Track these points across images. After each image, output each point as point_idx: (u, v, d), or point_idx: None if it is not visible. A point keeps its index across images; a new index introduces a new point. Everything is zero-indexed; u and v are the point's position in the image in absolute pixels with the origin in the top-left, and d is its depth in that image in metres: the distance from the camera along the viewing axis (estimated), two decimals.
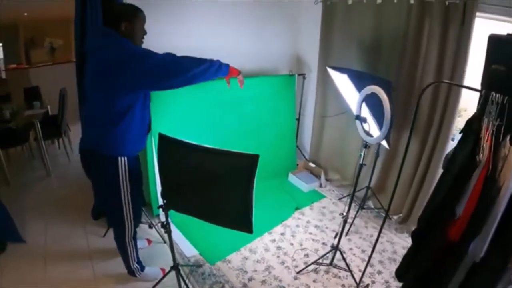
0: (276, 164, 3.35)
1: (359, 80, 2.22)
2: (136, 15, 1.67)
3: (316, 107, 3.49)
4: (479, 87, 1.46)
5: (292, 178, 3.45)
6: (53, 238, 2.56)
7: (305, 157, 3.80)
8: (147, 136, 1.93)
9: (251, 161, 1.49)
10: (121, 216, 1.87)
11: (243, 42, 3.21)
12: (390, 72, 2.67)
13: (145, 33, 1.74)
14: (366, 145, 2.01)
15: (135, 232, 2.01)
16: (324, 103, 3.40)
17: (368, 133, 1.98)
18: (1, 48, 5.94)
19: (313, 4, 3.15)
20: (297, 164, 3.66)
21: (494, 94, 1.30)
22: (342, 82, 2.40)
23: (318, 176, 3.44)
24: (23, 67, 5.79)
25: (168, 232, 1.75)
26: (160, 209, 1.73)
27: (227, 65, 1.85)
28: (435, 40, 2.34)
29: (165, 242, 2.53)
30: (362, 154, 2.03)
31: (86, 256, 2.38)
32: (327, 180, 3.47)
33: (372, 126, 1.99)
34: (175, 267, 1.90)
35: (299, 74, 3.43)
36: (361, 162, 2.05)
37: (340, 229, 2.22)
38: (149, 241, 2.53)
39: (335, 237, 2.27)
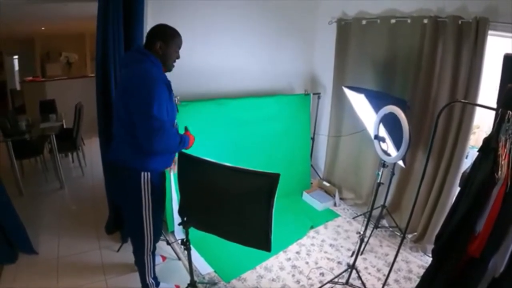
0: (291, 182, 3.34)
1: (376, 100, 2.25)
2: (173, 37, 1.70)
3: (330, 126, 3.52)
4: (494, 105, 1.48)
5: (306, 197, 3.45)
6: (66, 251, 2.56)
7: (319, 176, 3.80)
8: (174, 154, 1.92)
9: (271, 180, 1.51)
10: (141, 231, 1.86)
11: (259, 61, 3.27)
12: (405, 91, 2.69)
13: (178, 57, 1.77)
14: (384, 164, 2.01)
15: (154, 248, 2.00)
16: (339, 122, 3.42)
17: (386, 153, 1.99)
18: (17, 60, 6.06)
19: (327, 24, 3.23)
20: (311, 183, 3.67)
21: (510, 113, 1.31)
22: (359, 102, 2.43)
23: (332, 195, 3.43)
24: (40, 80, 5.89)
25: (188, 249, 1.75)
26: (179, 226, 1.74)
27: (187, 139, 1.84)
28: (449, 58, 2.37)
29: (179, 259, 2.52)
30: (380, 173, 2.03)
31: (99, 270, 2.37)
32: (341, 199, 3.47)
33: (389, 146, 2.00)
34: (192, 284, 1.89)
35: (314, 93, 3.47)
36: (378, 181, 2.06)
37: (357, 247, 2.20)
38: (164, 258, 2.52)
39: (351, 255, 2.25)
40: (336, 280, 2.29)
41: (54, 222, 2.97)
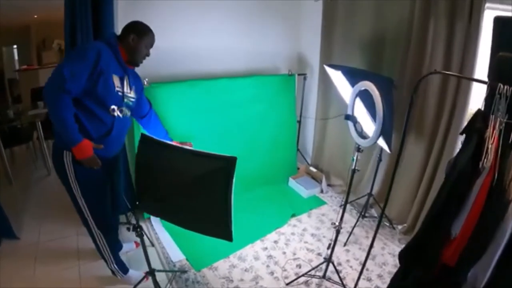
0: (276, 168, 3.22)
1: (355, 77, 2.04)
2: (146, 33, 1.74)
3: (317, 109, 3.35)
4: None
5: (292, 183, 3.29)
6: (46, 237, 2.55)
7: (306, 161, 3.63)
8: (119, 143, 1.86)
9: (228, 163, 1.42)
10: (82, 216, 1.82)
11: (242, 40, 3.10)
12: (394, 71, 2.51)
13: (148, 54, 1.80)
14: (359, 149, 1.84)
15: (109, 238, 1.95)
16: (326, 104, 3.25)
17: (361, 135, 1.83)
18: (16, 49, 6.09)
19: (313, 1, 3.05)
20: (298, 168, 3.51)
21: (502, 86, 1.10)
22: (339, 80, 2.26)
23: (319, 181, 3.27)
24: (34, 67, 5.93)
25: (140, 235, 1.65)
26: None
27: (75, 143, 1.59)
28: (441, 36, 2.18)
29: (153, 245, 2.45)
30: (355, 158, 1.87)
31: (74, 256, 2.34)
32: (328, 185, 3.31)
33: (370, 128, 1.83)
34: (151, 272, 1.81)
35: (299, 74, 3.29)
36: (353, 168, 1.89)
37: (333, 239, 2.05)
38: (138, 244, 2.44)
39: (328, 247, 2.11)
40: (312, 273, 2.16)
41: (38, 208, 2.96)
